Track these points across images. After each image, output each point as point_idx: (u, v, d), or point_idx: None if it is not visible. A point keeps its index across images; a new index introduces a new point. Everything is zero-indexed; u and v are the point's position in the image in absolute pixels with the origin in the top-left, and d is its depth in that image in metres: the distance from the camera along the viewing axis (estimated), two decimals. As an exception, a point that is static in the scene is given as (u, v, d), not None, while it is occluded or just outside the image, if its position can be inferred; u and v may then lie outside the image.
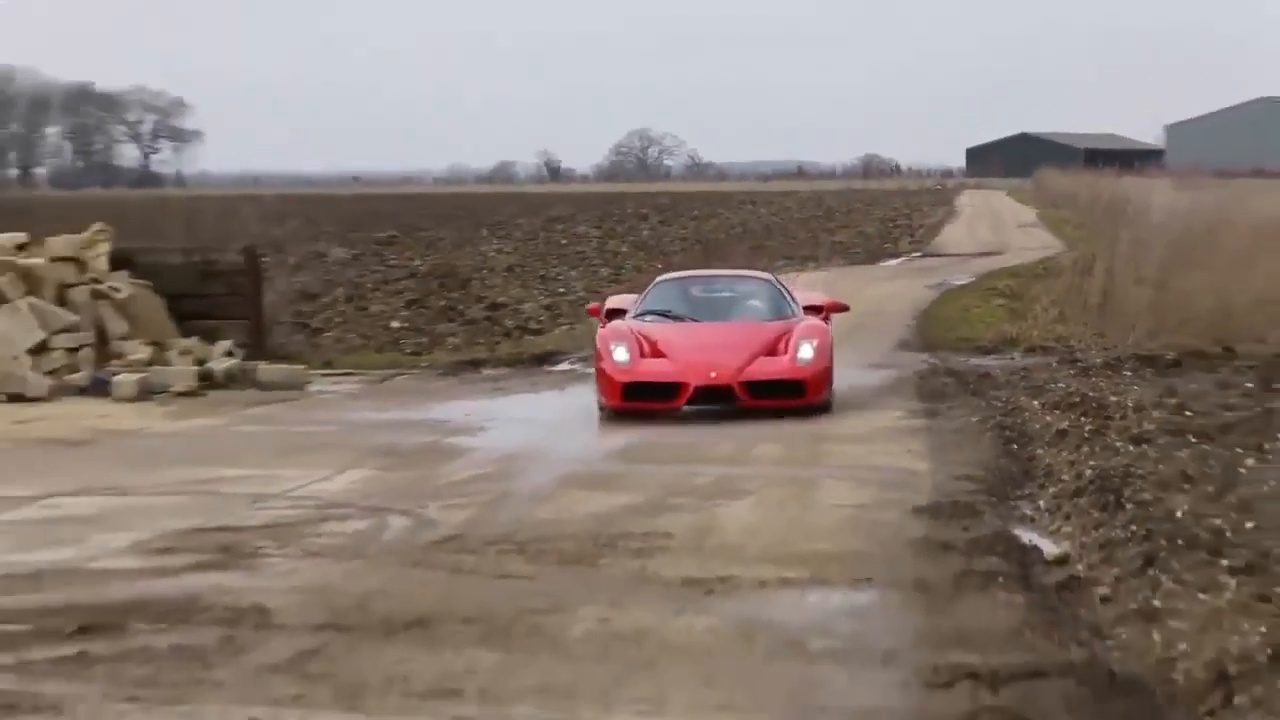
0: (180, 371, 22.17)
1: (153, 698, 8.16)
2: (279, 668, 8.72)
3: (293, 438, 17.99)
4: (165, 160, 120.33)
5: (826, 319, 20.47)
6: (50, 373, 21.84)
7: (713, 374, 18.71)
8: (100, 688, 8.33)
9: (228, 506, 13.66)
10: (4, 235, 23.94)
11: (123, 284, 23.84)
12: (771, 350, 19.10)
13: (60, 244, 23.87)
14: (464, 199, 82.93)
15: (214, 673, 8.62)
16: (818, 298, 21.66)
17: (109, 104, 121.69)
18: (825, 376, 19.02)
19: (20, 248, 23.61)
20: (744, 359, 18.89)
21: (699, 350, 19.10)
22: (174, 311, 23.73)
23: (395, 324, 30.74)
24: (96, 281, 23.64)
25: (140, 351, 22.62)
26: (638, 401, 18.74)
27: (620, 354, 18.95)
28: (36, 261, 23.27)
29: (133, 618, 9.70)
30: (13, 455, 17.05)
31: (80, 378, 21.94)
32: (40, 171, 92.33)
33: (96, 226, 24.69)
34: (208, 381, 22.21)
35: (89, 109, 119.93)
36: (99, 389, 21.49)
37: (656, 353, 19.10)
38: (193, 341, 23.30)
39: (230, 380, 22.42)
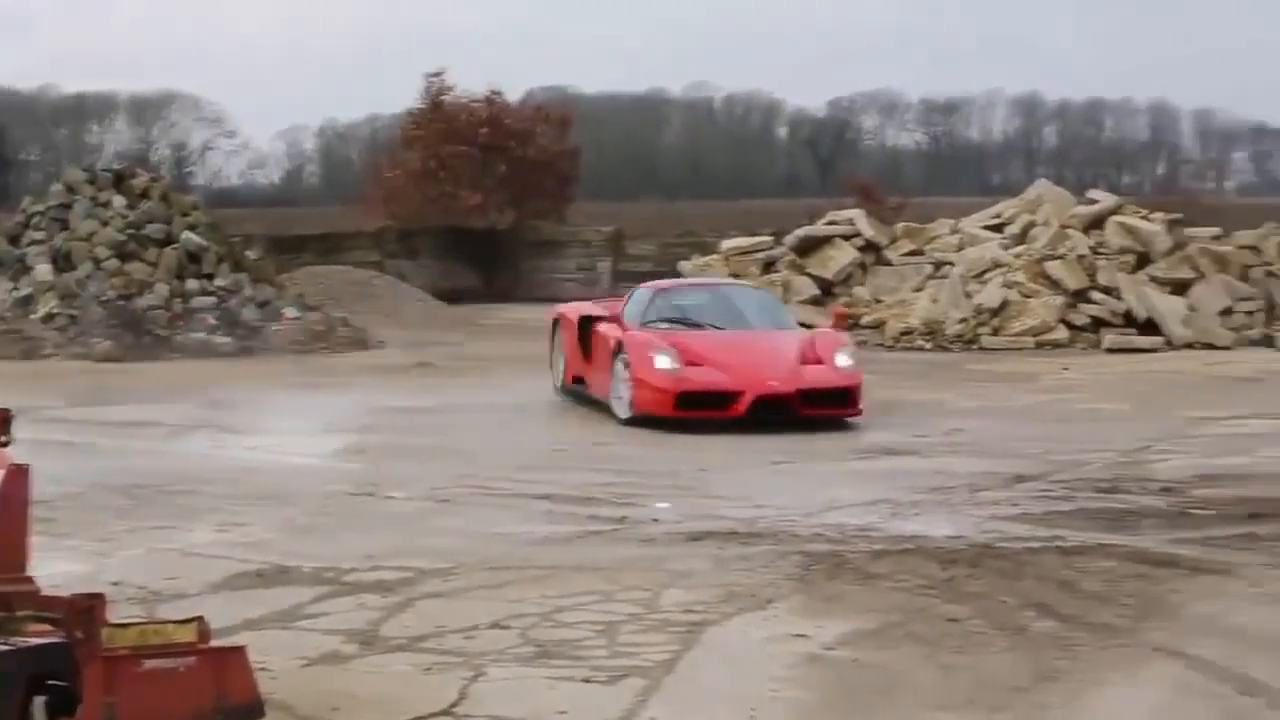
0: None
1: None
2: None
3: None
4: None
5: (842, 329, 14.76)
6: (1233, 329, 21.51)
7: (773, 382, 13.11)
8: (1262, 558, 8.11)
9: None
10: (1203, 230, 23.69)
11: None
12: (806, 360, 13.52)
13: (1245, 237, 23.37)
14: None
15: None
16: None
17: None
18: (862, 384, 13.56)
19: (1215, 239, 23.29)
20: (794, 368, 13.34)
21: (746, 358, 13.44)
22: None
23: None
24: (1268, 264, 22.90)
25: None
26: (691, 410, 13.00)
27: (664, 361, 13.23)
28: (1226, 249, 22.86)
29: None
30: (1202, 388, 16.82)
31: (1253, 334, 21.54)
32: (1229, 185, 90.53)
33: (1270, 225, 23.90)
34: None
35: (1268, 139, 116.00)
36: (1266, 342, 21.19)
37: (695, 361, 13.37)
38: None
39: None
